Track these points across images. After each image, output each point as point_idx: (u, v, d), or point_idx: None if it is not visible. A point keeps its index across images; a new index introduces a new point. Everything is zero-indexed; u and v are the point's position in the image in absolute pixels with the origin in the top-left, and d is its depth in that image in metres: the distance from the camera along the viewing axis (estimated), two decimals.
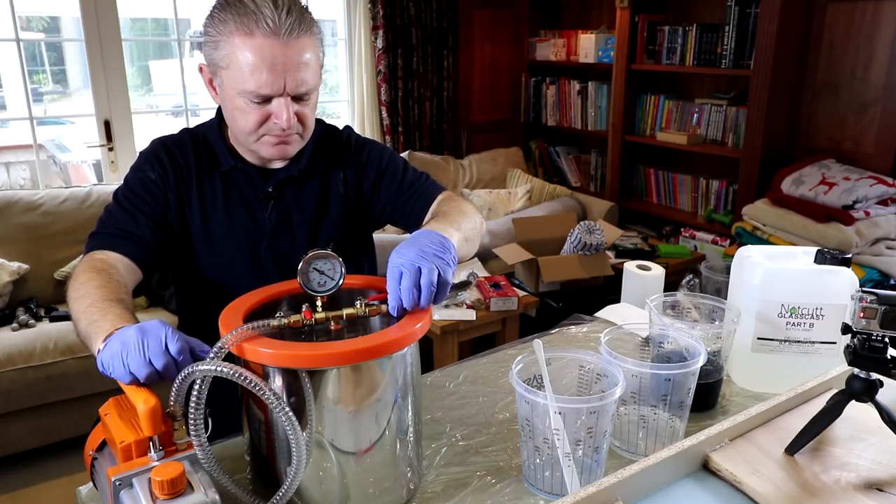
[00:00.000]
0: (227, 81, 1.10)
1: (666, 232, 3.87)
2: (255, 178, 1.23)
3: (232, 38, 1.06)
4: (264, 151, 1.17)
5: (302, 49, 1.08)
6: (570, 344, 1.40)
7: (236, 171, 1.23)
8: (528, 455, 0.94)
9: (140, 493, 0.73)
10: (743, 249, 1.23)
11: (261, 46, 1.05)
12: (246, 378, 0.76)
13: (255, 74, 1.06)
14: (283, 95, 1.09)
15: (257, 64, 1.05)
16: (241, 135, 1.17)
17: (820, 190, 2.88)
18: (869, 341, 0.87)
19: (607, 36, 4.00)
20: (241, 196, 1.23)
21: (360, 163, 1.31)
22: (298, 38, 1.07)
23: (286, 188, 1.25)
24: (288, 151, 1.18)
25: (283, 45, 1.05)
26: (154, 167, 1.20)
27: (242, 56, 1.06)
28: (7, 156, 4.59)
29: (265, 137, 1.15)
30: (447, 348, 2.60)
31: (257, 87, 1.07)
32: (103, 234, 1.16)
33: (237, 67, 1.07)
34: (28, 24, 5.06)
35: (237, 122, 1.14)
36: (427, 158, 4.05)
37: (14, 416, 2.43)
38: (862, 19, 2.98)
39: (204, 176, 1.23)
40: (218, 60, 1.09)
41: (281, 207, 1.24)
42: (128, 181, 1.21)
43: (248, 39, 1.05)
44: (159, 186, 1.20)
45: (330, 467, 0.85)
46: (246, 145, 1.20)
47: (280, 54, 1.06)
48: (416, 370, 0.91)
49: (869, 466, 0.91)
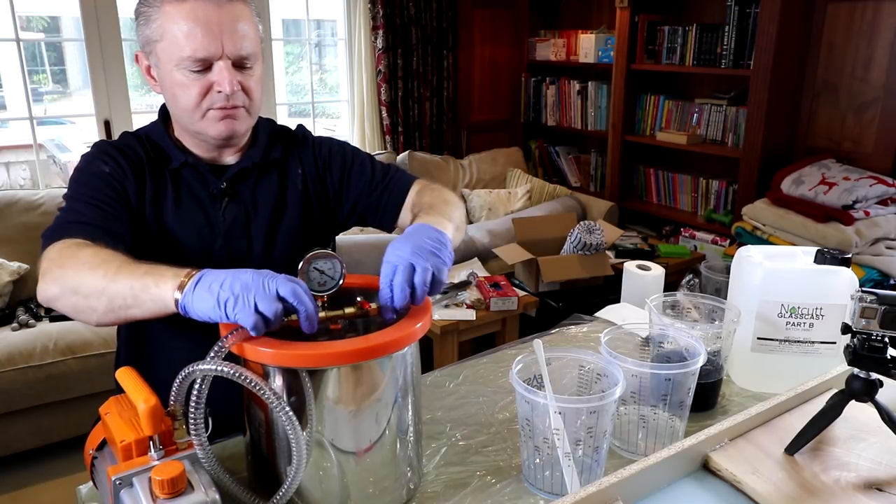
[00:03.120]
0: (162, 55, 1.06)
1: (666, 232, 3.87)
2: (206, 175, 1.17)
3: (163, 8, 1.04)
4: (211, 130, 1.11)
5: (237, 13, 1.06)
6: (570, 344, 1.40)
7: (187, 167, 1.17)
8: (528, 455, 0.94)
9: (140, 492, 0.73)
10: (743, 249, 1.23)
11: (193, 9, 1.03)
12: (246, 378, 0.76)
13: (190, 38, 1.03)
14: (223, 58, 1.06)
15: (192, 27, 1.03)
16: (185, 114, 1.11)
17: (820, 190, 2.88)
18: (869, 341, 0.87)
19: (607, 36, 4.00)
20: (193, 194, 1.17)
21: (322, 158, 1.27)
22: (232, 2, 1.06)
23: (241, 184, 1.19)
24: (235, 127, 1.12)
25: (216, 5, 1.04)
26: (106, 162, 1.12)
27: (175, 23, 1.03)
28: (7, 156, 4.59)
29: (210, 113, 1.10)
30: (447, 348, 2.60)
31: (193, 51, 1.04)
32: (72, 224, 1.03)
33: (171, 36, 1.04)
34: (28, 24, 5.06)
35: (179, 100, 1.09)
36: (427, 158, 4.05)
37: (14, 416, 2.43)
38: (862, 19, 2.98)
39: (155, 174, 1.16)
40: (151, 34, 1.06)
41: (236, 205, 1.18)
42: (79, 178, 1.11)
43: (179, 5, 1.03)
44: (116, 178, 1.11)
45: (330, 467, 0.85)
46: (191, 127, 1.13)
47: (214, 15, 1.04)
48: (416, 370, 0.91)
49: (869, 466, 0.91)
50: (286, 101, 5.06)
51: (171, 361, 0.81)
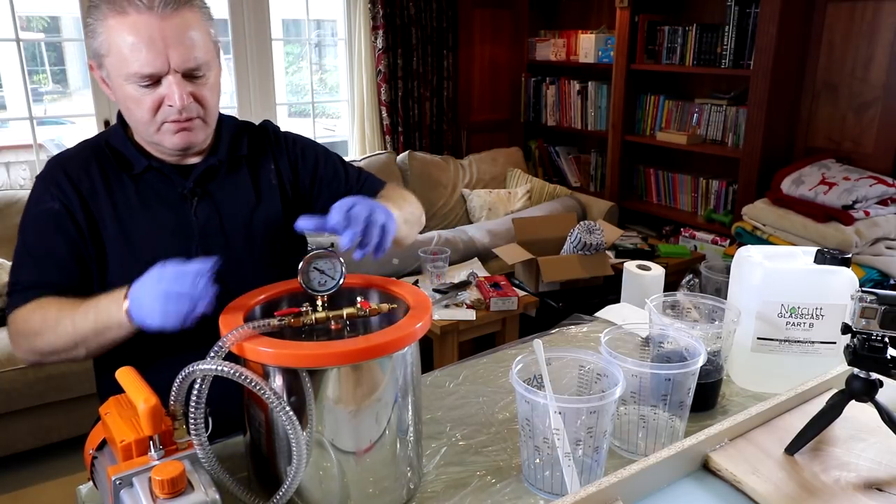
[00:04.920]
0: (111, 69, 1.04)
1: (666, 232, 3.87)
2: (171, 176, 1.15)
3: (106, 22, 1.01)
4: (167, 142, 1.10)
5: (183, 23, 1.02)
6: (570, 344, 1.40)
7: (151, 171, 1.14)
8: (528, 455, 0.94)
9: (140, 492, 0.73)
10: (743, 249, 1.23)
11: (135, 23, 0.99)
12: (246, 377, 0.76)
13: (134, 54, 1.00)
14: (171, 73, 1.03)
15: (135, 42, 1.00)
16: (141, 126, 1.09)
17: (820, 190, 2.88)
18: (869, 341, 0.87)
19: (607, 36, 4.00)
20: (160, 196, 1.15)
21: (294, 154, 1.26)
22: (177, 11, 1.01)
23: (211, 183, 1.18)
24: (191, 139, 1.10)
25: (159, 18, 1.00)
26: (53, 195, 1.11)
27: (119, 38, 1.00)
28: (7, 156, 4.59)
29: (165, 126, 1.08)
30: (447, 348, 2.60)
31: (140, 67, 1.01)
32: (29, 290, 1.09)
33: (116, 51, 1.01)
34: (28, 24, 5.05)
35: (133, 113, 1.08)
36: (427, 158, 4.05)
37: (14, 416, 2.43)
38: (862, 19, 2.98)
39: (113, 183, 1.13)
40: (98, 48, 1.04)
41: (207, 204, 1.16)
42: (31, 220, 1.14)
43: (122, 18, 1.00)
44: (65, 214, 1.11)
45: (330, 467, 0.85)
46: (147, 138, 1.12)
47: (157, 28, 1.00)
48: (416, 370, 0.91)
49: (869, 466, 0.91)
50: (286, 101, 5.06)
51: (168, 367, 0.82)
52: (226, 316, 0.88)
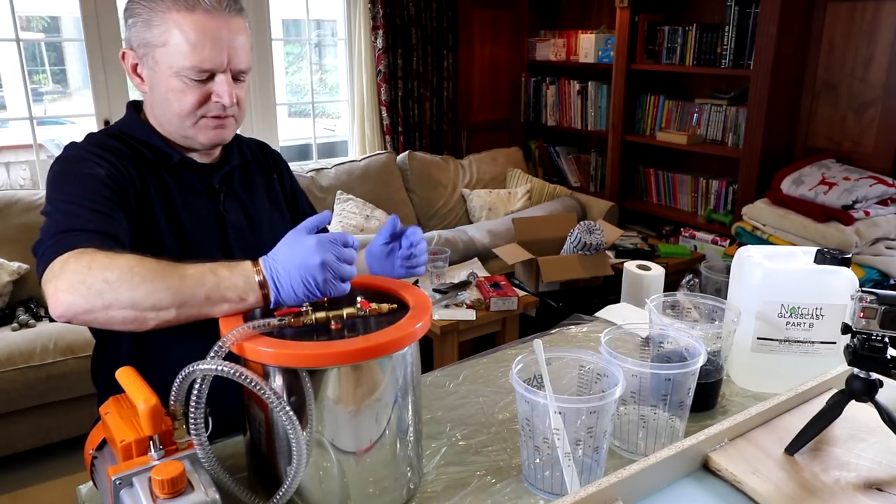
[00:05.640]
0: (162, 60, 1.06)
1: (666, 232, 3.87)
2: (199, 172, 1.18)
3: (169, 14, 1.03)
4: (201, 136, 1.12)
5: (240, 28, 1.09)
6: (570, 344, 1.40)
7: (183, 163, 1.15)
8: (528, 455, 0.94)
9: (140, 492, 0.73)
10: (743, 249, 1.23)
11: (203, 21, 1.04)
12: (246, 377, 0.76)
13: (197, 49, 1.04)
14: (226, 72, 1.08)
15: (200, 38, 1.04)
16: (177, 119, 1.10)
17: (820, 190, 2.88)
18: (869, 341, 0.87)
19: (607, 36, 4.00)
20: (194, 189, 1.16)
21: (280, 171, 1.34)
22: (237, 16, 1.08)
23: (232, 181, 1.22)
24: (224, 136, 1.14)
25: (224, 20, 1.06)
26: (98, 164, 1.04)
27: (183, 32, 1.03)
28: (7, 156, 4.58)
29: (203, 120, 1.10)
30: (447, 348, 2.60)
31: (200, 62, 1.05)
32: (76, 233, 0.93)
33: (175, 44, 1.04)
34: (28, 24, 5.05)
35: (172, 105, 1.09)
36: (427, 158, 4.05)
37: (14, 416, 2.43)
38: (862, 19, 2.98)
39: (151, 175, 1.12)
40: (152, 39, 1.05)
41: (232, 200, 1.21)
42: (69, 183, 1.02)
43: (189, 15, 1.03)
44: (113, 179, 1.04)
45: (330, 467, 0.85)
46: (180, 131, 1.12)
47: (223, 28, 1.05)
48: (416, 370, 0.91)
49: (869, 466, 0.91)
50: (286, 101, 5.06)
51: (176, 365, 0.81)
52: (226, 316, 0.88)
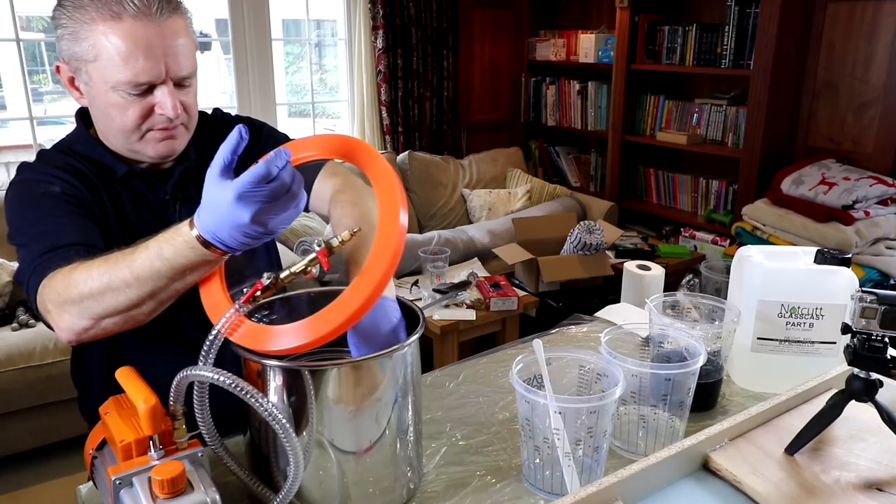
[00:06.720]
0: (95, 76, 0.98)
1: (666, 232, 3.87)
2: (152, 181, 1.11)
3: (95, 26, 0.94)
4: (150, 150, 1.05)
5: (176, 29, 0.98)
6: (570, 344, 1.40)
7: (132, 175, 1.09)
8: (528, 455, 0.94)
9: (140, 492, 0.73)
10: (743, 249, 1.23)
11: (132, 30, 0.94)
12: (242, 389, 0.74)
13: (130, 62, 0.95)
14: (165, 82, 0.99)
15: (131, 50, 0.94)
16: (121, 135, 1.03)
17: (820, 190, 2.88)
18: (869, 341, 0.87)
19: (607, 36, 4.00)
20: (145, 200, 1.10)
21: (264, 148, 1.20)
22: (170, 18, 0.97)
23: (190, 186, 1.13)
24: (175, 147, 1.07)
25: (156, 25, 0.95)
26: (51, 182, 1.00)
27: (111, 44, 0.94)
28: (7, 156, 4.58)
29: (150, 133, 1.03)
30: (447, 348, 2.60)
31: (135, 76, 0.96)
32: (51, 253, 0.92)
33: (107, 57, 0.95)
34: (28, 24, 5.05)
35: (114, 121, 1.01)
36: (427, 158, 4.05)
37: (14, 416, 2.43)
38: (862, 19, 2.98)
39: (99, 188, 1.06)
40: (82, 53, 0.97)
41: (188, 207, 1.11)
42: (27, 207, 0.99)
43: (116, 24, 0.94)
44: (70, 195, 1.00)
45: (330, 467, 0.85)
46: (126, 146, 1.05)
47: (155, 36, 0.95)
48: (416, 370, 0.91)
49: (869, 466, 0.91)
50: (286, 101, 5.06)
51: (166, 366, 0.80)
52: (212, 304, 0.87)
